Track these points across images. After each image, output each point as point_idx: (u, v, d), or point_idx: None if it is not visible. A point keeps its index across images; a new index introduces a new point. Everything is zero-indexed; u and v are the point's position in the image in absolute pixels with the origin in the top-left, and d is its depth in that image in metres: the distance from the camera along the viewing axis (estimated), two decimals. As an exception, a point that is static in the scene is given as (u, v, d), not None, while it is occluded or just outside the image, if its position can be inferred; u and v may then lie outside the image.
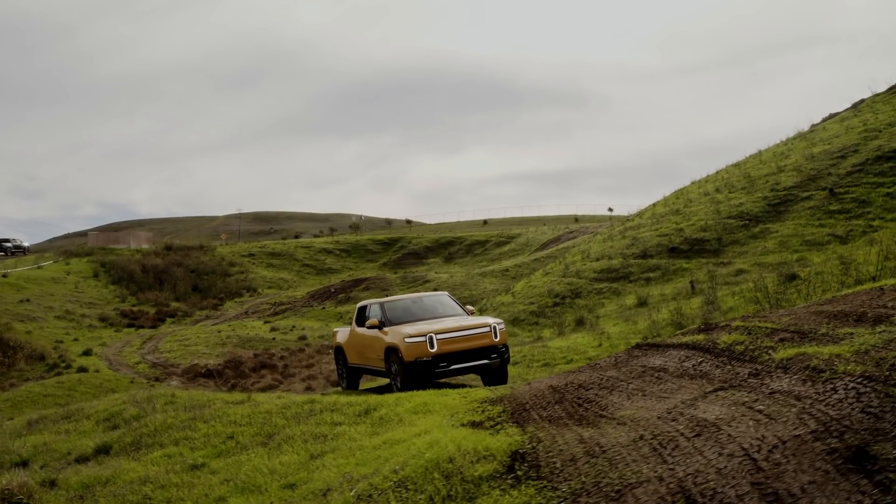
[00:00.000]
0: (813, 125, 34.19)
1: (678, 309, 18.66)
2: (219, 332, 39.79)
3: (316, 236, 79.25)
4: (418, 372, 10.82)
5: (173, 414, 9.51)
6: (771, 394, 4.08)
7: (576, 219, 73.99)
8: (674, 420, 4.02)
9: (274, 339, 38.57)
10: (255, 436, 7.72)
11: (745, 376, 4.65)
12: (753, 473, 3.10)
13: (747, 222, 26.37)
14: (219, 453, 7.46)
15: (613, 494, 3.25)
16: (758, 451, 3.29)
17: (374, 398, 8.20)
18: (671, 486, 3.17)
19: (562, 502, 3.35)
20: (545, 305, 27.71)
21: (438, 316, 12.29)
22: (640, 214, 35.41)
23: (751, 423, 3.65)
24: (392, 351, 11.35)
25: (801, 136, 32.65)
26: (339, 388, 18.66)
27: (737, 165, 33.59)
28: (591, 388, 5.78)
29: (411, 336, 11.04)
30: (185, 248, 61.40)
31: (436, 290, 41.98)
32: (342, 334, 14.17)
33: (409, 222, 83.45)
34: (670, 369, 5.50)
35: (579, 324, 22.88)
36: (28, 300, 43.01)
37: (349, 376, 13.91)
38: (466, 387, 10.34)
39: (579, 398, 5.58)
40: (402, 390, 10.19)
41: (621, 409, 4.78)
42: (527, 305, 28.53)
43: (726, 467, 3.21)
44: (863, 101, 32.12)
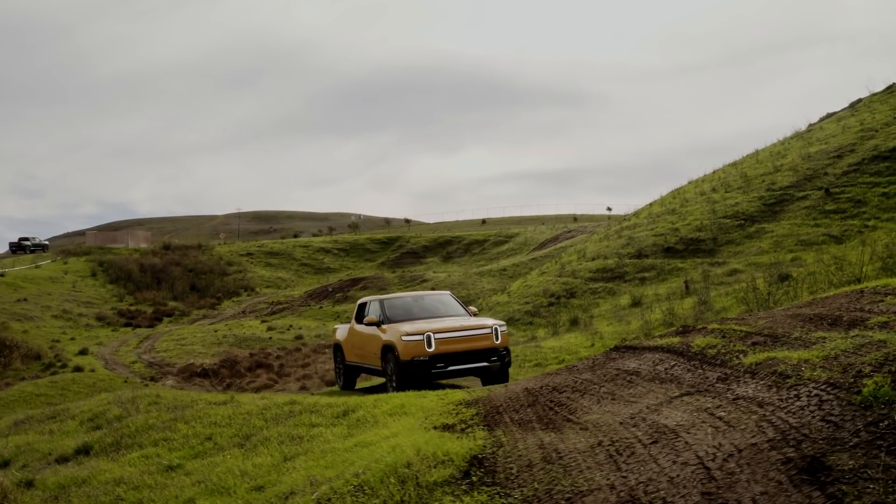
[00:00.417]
0: (810, 125, 34.08)
1: (671, 309, 18.61)
2: (215, 331, 39.76)
3: (315, 235, 79.22)
4: (414, 372, 10.47)
5: (155, 414, 9.47)
6: (735, 400, 4.02)
7: (574, 218, 73.91)
8: (635, 426, 3.96)
9: (270, 338, 38.53)
10: (233, 437, 7.67)
11: (714, 381, 4.59)
12: (705, 483, 3.04)
13: (743, 222, 26.28)
14: (196, 454, 7.42)
15: (564, 502, 3.19)
16: (712, 460, 3.23)
17: (354, 399, 8.15)
18: (622, 494, 3.11)
19: (513, 510, 3.30)
20: (540, 305, 27.63)
21: (439, 315, 11.94)
22: (636, 214, 35.34)
23: (710, 430, 3.59)
24: (389, 349, 11.01)
25: (798, 136, 32.55)
26: (332, 388, 18.57)
27: (734, 165, 33.50)
28: (565, 392, 5.72)
29: (409, 334, 10.68)
30: (184, 247, 61.40)
31: (433, 289, 41.91)
32: (341, 331, 13.91)
33: (407, 221, 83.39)
34: (643, 373, 5.44)
35: (574, 324, 22.83)
36: (25, 299, 43.01)
37: (346, 375, 13.63)
38: (461, 388, 10.19)
39: (552, 401, 5.53)
40: (398, 390, 9.92)
41: (589, 413, 4.72)
42: (522, 305, 28.44)
43: (679, 476, 3.15)
44: (860, 100, 32.00)
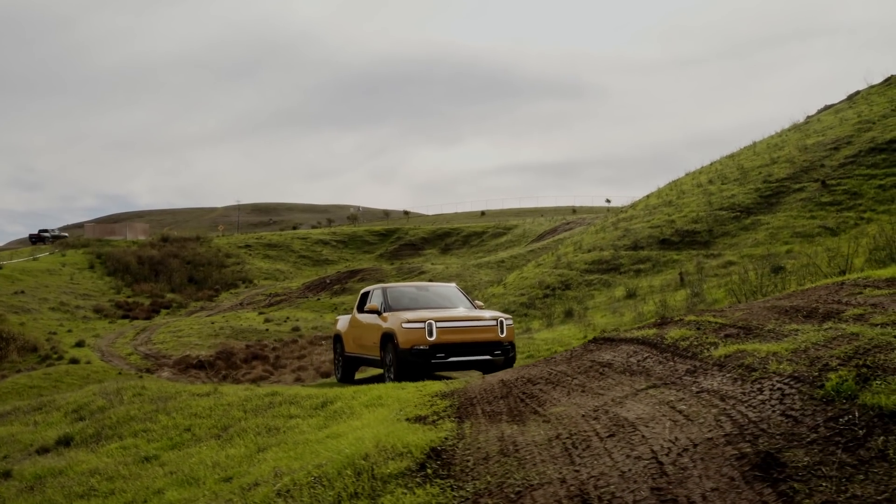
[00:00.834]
0: (808, 117, 33.92)
1: (663, 301, 18.55)
2: (212, 323, 39.77)
3: (314, 227, 79.12)
4: (413, 361, 10.12)
5: (138, 406, 9.43)
6: (698, 393, 3.96)
7: (573, 210, 73.78)
8: (596, 419, 3.90)
9: (267, 330, 38.54)
10: (212, 428, 7.64)
11: (682, 373, 4.53)
12: (657, 478, 2.98)
13: (739, 214, 26.18)
14: (174, 445, 7.38)
15: (513, 496, 3.13)
16: (667, 455, 3.17)
17: (334, 391, 8.11)
18: (571, 488, 3.05)
19: (463, 502, 3.24)
20: (535, 297, 27.57)
21: (443, 306, 11.61)
22: (633, 206, 35.24)
23: (668, 423, 3.53)
24: (388, 337, 10.70)
25: (795, 128, 32.39)
26: (326, 380, 18.48)
27: (731, 157, 33.36)
28: (538, 384, 5.66)
29: (409, 321, 10.35)
30: (182, 239, 61.36)
31: (432, 280, 41.83)
32: (342, 322, 13.64)
33: (406, 213, 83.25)
34: (616, 365, 5.38)
35: (568, 315, 22.78)
36: (23, 292, 43.00)
37: (345, 366, 13.31)
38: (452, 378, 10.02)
39: (524, 393, 5.47)
40: (396, 381, 9.60)
41: (556, 405, 4.66)
42: (517, 297, 28.38)
43: (631, 470, 3.09)
44: (858, 92, 31.83)
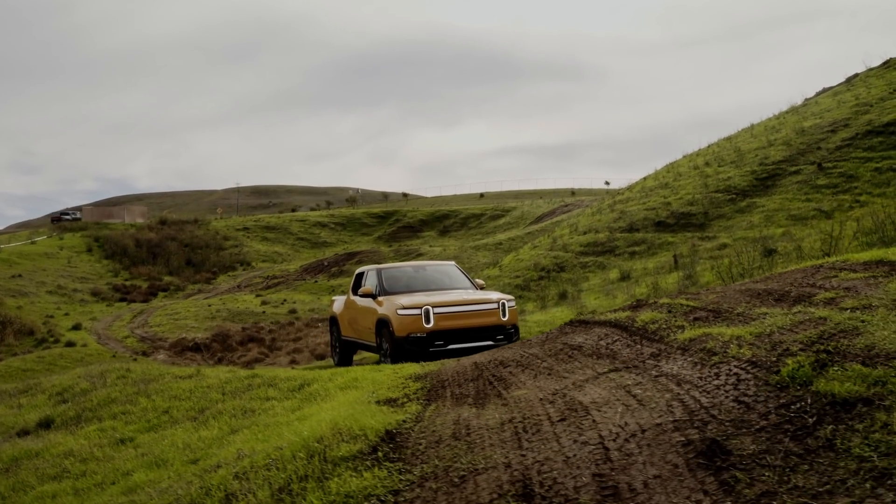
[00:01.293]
0: (806, 99, 33.69)
1: (655, 283, 18.52)
2: (209, 305, 39.80)
3: (313, 209, 78.99)
4: (410, 350, 9.46)
5: (120, 388, 9.43)
6: (657, 377, 3.91)
7: (572, 192, 73.54)
8: (552, 402, 3.86)
9: (264, 312, 38.57)
10: (189, 410, 7.64)
11: (647, 357, 4.49)
12: (600, 464, 2.93)
13: (734, 196, 26.06)
14: (150, 427, 7.38)
15: (457, 480, 3.10)
16: (614, 440, 3.12)
17: (313, 373, 8.09)
18: (515, 473, 3.01)
19: (409, 486, 3.21)
20: (530, 279, 27.53)
21: (442, 288, 10.99)
22: (630, 188, 35.10)
23: (621, 408, 3.49)
24: (384, 324, 10.10)
25: (793, 110, 32.16)
26: (319, 363, 18.44)
27: (728, 139, 33.17)
28: (509, 366, 5.63)
29: (405, 308, 9.71)
30: (180, 222, 61.25)
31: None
32: (338, 304, 13.00)
33: (405, 196, 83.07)
34: (585, 348, 5.33)
35: (562, 297, 22.76)
36: (20, 275, 43.02)
37: (342, 351, 12.60)
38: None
39: (494, 376, 5.43)
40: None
41: (520, 388, 4.63)
42: (512, 279, 28.33)
43: (576, 456, 3.05)
44: (856, 75, 31.56)
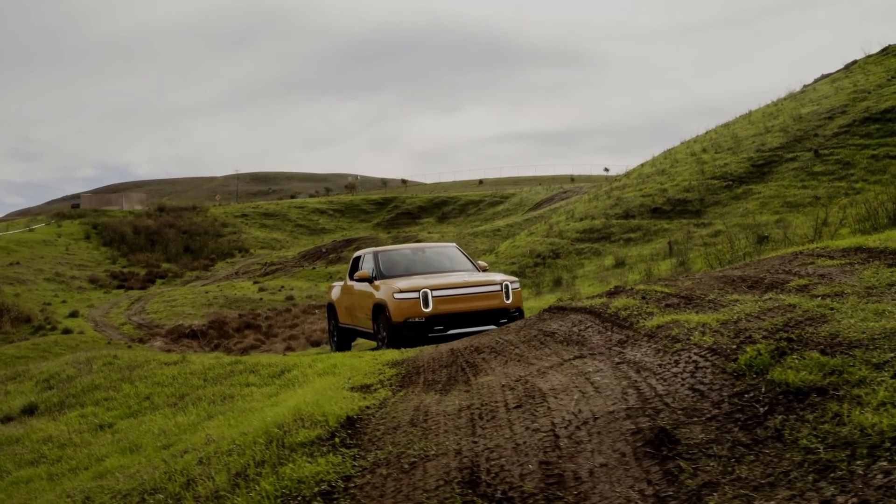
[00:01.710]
0: (805, 86, 33.47)
1: (648, 270, 18.49)
2: (206, 292, 39.83)
3: (311, 196, 78.87)
4: (408, 336, 8.99)
5: (105, 375, 9.44)
6: (618, 364, 3.89)
7: (571, 179, 73.37)
8: (512, 389, 3.85)
9: (261, 299, 38.61)
10: (170, 396, 7.65)
11: (614, 344, 4.47)
12: (548, 451, 2.92)
13: (731, 183, 25.97)
14: (131, 413, 7.41)
15: (407, 466, 3.09)
16: (565, 428, 3.11)
17: (294, 359, 8.10)
18: (464, 460, 3.00)
19: (361, 472, 3.21)
20: (526, 265, 27.50)
21: (443, 271, 10.48)
22: (627, 175, 35.00)
23: (577, 395, 3.47)
24: (380, 309, 9.61)
25: (791, 97, 31.98)
26: (315, 349, 18.44)
27: (726, 126, 33.01)
28: (483, 353, 5.61)
29: (402, 291, 9.24)
30: (178, 209, 61.19)
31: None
32: (336, 290, 12.51)
33: (404, 182, 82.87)
34: (558, 334, 5.32)
35: (557, 284, 22.73)
36: (18, 263, 43.03)
37: (340, 339, 12.02)
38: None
39: (467, 362, 5.42)
40: None
41: (488, 374, 4.61)
42: (508, 265, 28.30)
43: (526, 443, 3.03)
44: (855, 62, 31.35)
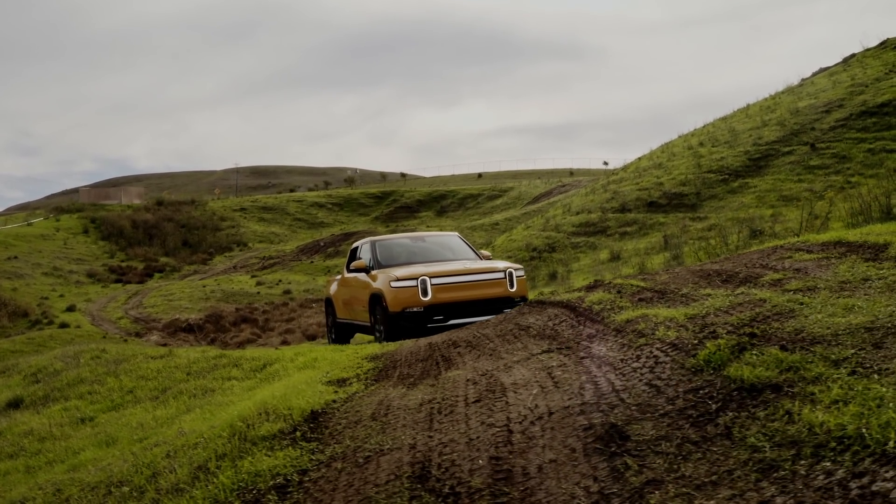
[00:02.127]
0: (803, 79, 33.36)
1: (642, 264, 18.47)
2: (204, 286, 39.84)
3: (310, 190, 78.81)
4: (406, 327, 8.61)
5: (91, 368, 9.46)
6: (582, 359, 3.88)
7: (570, 172, 73.29)
8: (476, 383, 3.84)
9: (259, 293, 38.62)
10: (153, 390, 7.67)
11: (583, 338, 4.46)
12: (500, 447, 2.91)
13: (727, 177, 25.93)
14: (113, 407, 7.42)
15: (362, 461, 3.09)
16: (520, 423, 3.10)
17: (276, 353, 8.10)
18: (417, 455, 3.00)
19: (317, 466, 3.21)
20: (522, 259, 27.47)
21: (444, 260, 10.06)
22: (624, 168, 34.95)
23: (536, 389, 3.46)
24: (377, 299, 9.21)
25: (789, 90, 31.88)
26: (311, 344, 18.44)
27: (724, 119, 32.94)
28: (459, 347, 5.61)
29: (399, 279, 8.82)
30: (177, 203, 61.16)
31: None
32: (333, 284, 12.11)
33: (403, 176, 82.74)
34: (533, 329, 5.31)
35: (552, 278, 22.74)
36: (16, 257, 43.05)
37: (338, 334, 11.55)
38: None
39: (442, 356, 5.41)
40: None
41: (458, 369, 4.61)
42: (504, 259, 28.30)
43: (479, 438, 3.03)
44: (853, 55, 31.23)
